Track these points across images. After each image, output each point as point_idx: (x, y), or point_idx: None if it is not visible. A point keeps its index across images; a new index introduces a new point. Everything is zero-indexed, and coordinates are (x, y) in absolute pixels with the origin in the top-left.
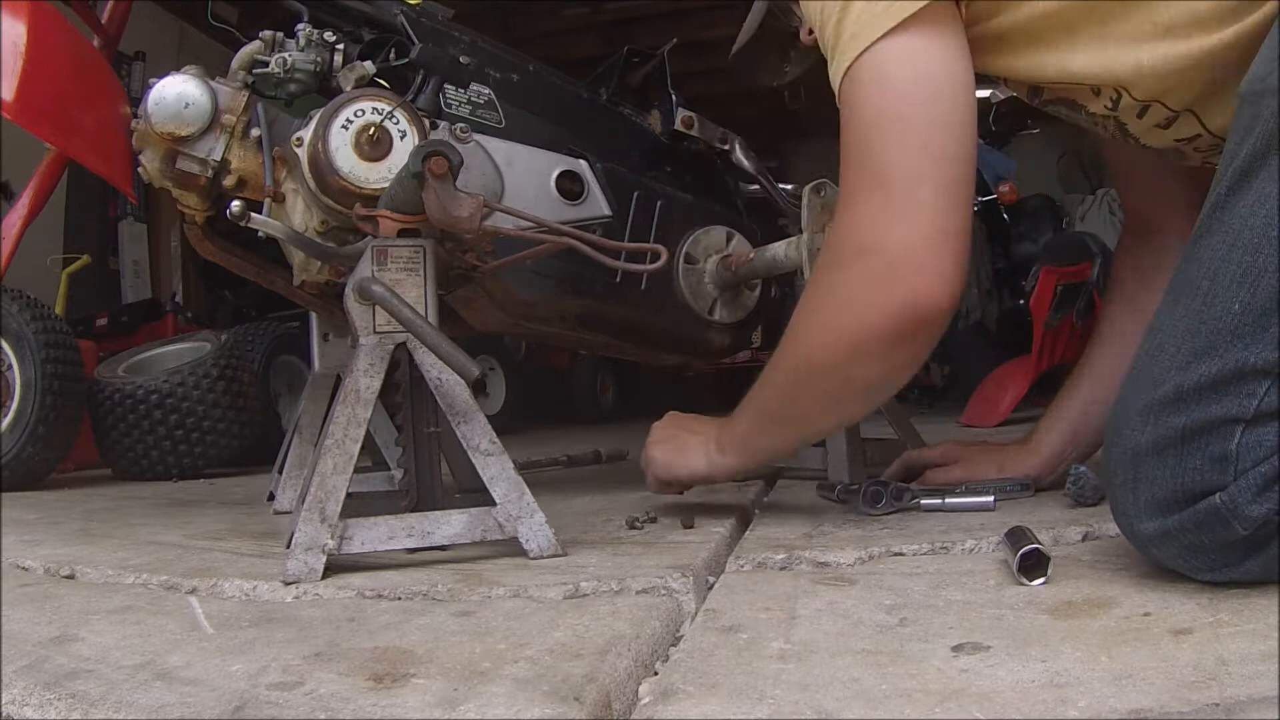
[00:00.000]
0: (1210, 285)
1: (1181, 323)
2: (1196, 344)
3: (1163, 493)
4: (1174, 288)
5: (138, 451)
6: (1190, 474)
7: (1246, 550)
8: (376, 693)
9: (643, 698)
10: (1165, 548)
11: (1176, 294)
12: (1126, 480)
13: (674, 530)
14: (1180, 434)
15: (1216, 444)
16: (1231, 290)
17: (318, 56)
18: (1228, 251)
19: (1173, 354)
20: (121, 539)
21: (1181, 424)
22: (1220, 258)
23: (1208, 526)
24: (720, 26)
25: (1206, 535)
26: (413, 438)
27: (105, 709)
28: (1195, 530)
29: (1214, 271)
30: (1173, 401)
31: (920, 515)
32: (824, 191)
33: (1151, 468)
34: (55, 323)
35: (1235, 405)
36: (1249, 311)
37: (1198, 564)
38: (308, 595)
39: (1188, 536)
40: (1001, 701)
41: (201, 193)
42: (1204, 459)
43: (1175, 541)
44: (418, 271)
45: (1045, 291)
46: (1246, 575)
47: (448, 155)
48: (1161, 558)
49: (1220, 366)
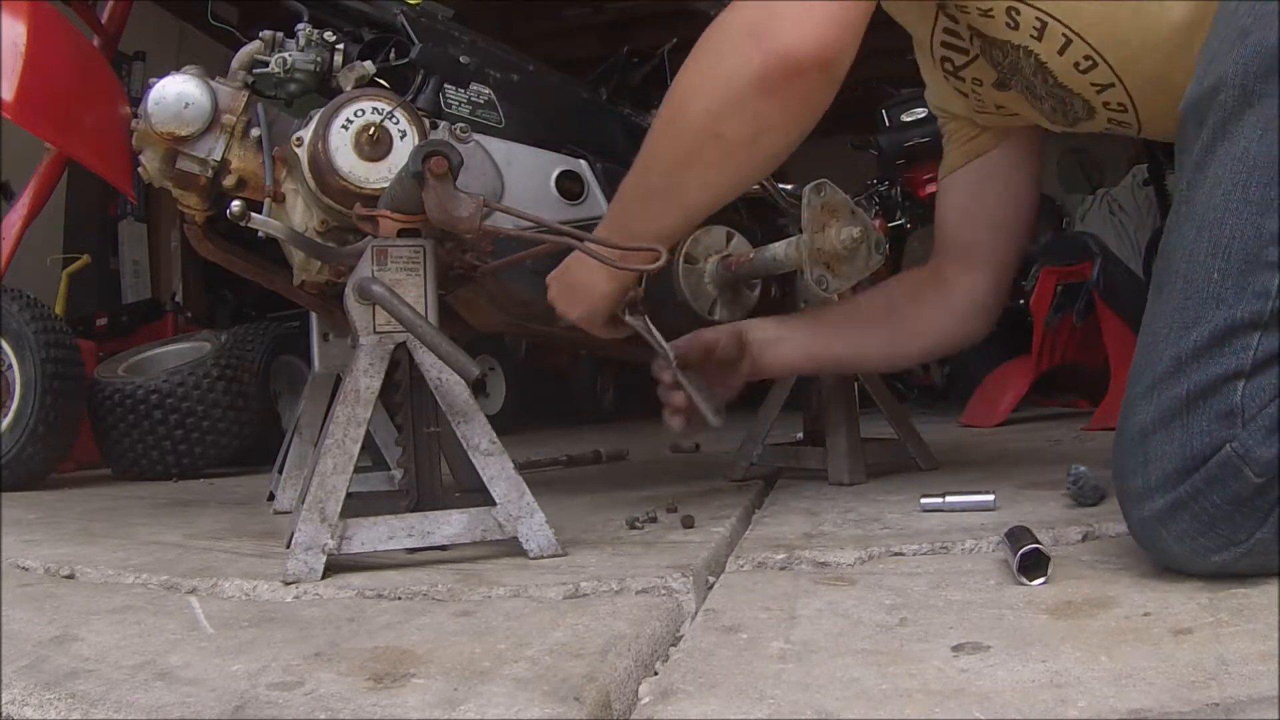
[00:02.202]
0: (1188, 267)
1: (1169, 304)
2: (1186, 317)
3: (1173, 463)
4: (1156, 282)
5: (138, 451)
6: (1199, 436)
7: (1256, 521)
8: (376, 693)
9: (643, 697)
10: (1174, 524)
11: (1159, 285)
12: (1136, 462)
13: (674, 530)
14: (1184, 400)
15: (1221, 401)
16: (1209, 263)
17: (318, 56)
18: (1196, 234)
19: (1165, 333)
20: (121, 539)
21: (1184, 390)
22: (1191, 240)
23: (1220, 481)
24: None
25: (1219, 493)
26: (413, 438)
27: (105, 709)
28: (1207, 491)
29: (1189, 254)
30: (1173, 373)
31: (920, 515)
32: (824, 191)
33: (1160, 441)
34: (55, 323)
35: (1234, 360)
36: (1227, 276)
37: (1207, 543)
38: (308, 595)
39: (1199, 501)
40: (1001, 701)
41: (201, 193)
42: (1210, 418)
43: (1186, 512)
44: (418, 271)
45: (1045, 291)
46: (1255, 551)
47: (448, 155)
48: (1170, 539)
49: (1212, 328)
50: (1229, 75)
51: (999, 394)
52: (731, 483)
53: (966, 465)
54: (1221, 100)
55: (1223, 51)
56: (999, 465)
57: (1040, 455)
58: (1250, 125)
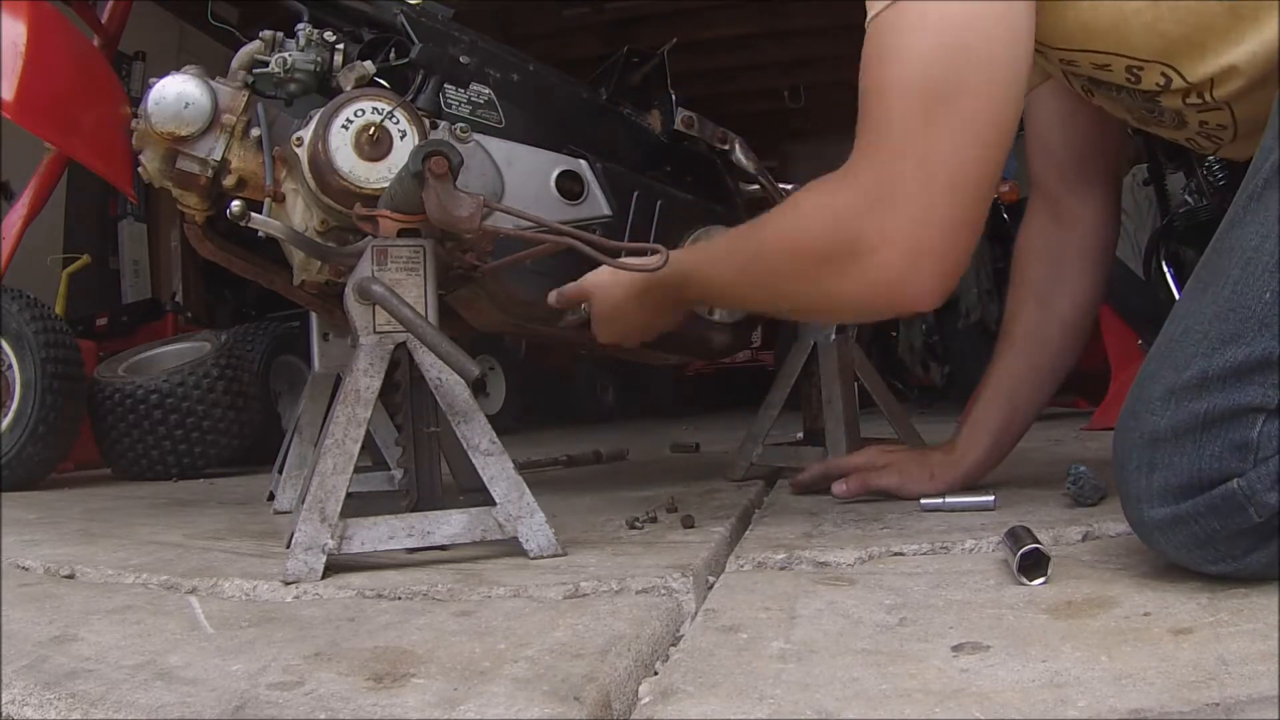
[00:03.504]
0: (1241, 273)
1: (1210, 309)
2: (1224, 330)
3: (1178, 478)
4: (1202, 274)
5: (138, 451)
6: (1209, 460)
7: (1254, 542)
8: (376, 692)
9: (643, 697)
10: (1173, 535)
11: (1205, 281)
12: (1141, 465)
13: (674, 530)
14: (1202, 419)
15: (1238, 431)
16: (1264, 279)
17: (318, 56)
18: (1260, 242)
19: (1198, 340)
20: (121, 539)
21: (1204, 409)
22: (1254, 247)
23: (1222, 512)
24: (720, 26)
25: (1219, 521)
26: (413, 438)
27: (105, 709)
28: (1208, 516)
29: (1246, 260)
30: (1196, 386)
31: (920, 515)
32: None
33: (1169, 452)
34: (55, 323)
35: (1260, 394)
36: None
37: (1203, 555)
38: (308, 595)
39: (1199, 523)
40: (1001, 701)
41: (201, 193)
42: (1224, 445)
43: (1185, 528)
44: (418, 271)
45: None
46: (1250, 567)
47: (448, 155)
48: (1167, 547)
49: (1247, 354)
50: None
51: None
52: (731, 483)
53: None
54: None
55: None
56: (999, 465)
57: (1040, 455)
58: None
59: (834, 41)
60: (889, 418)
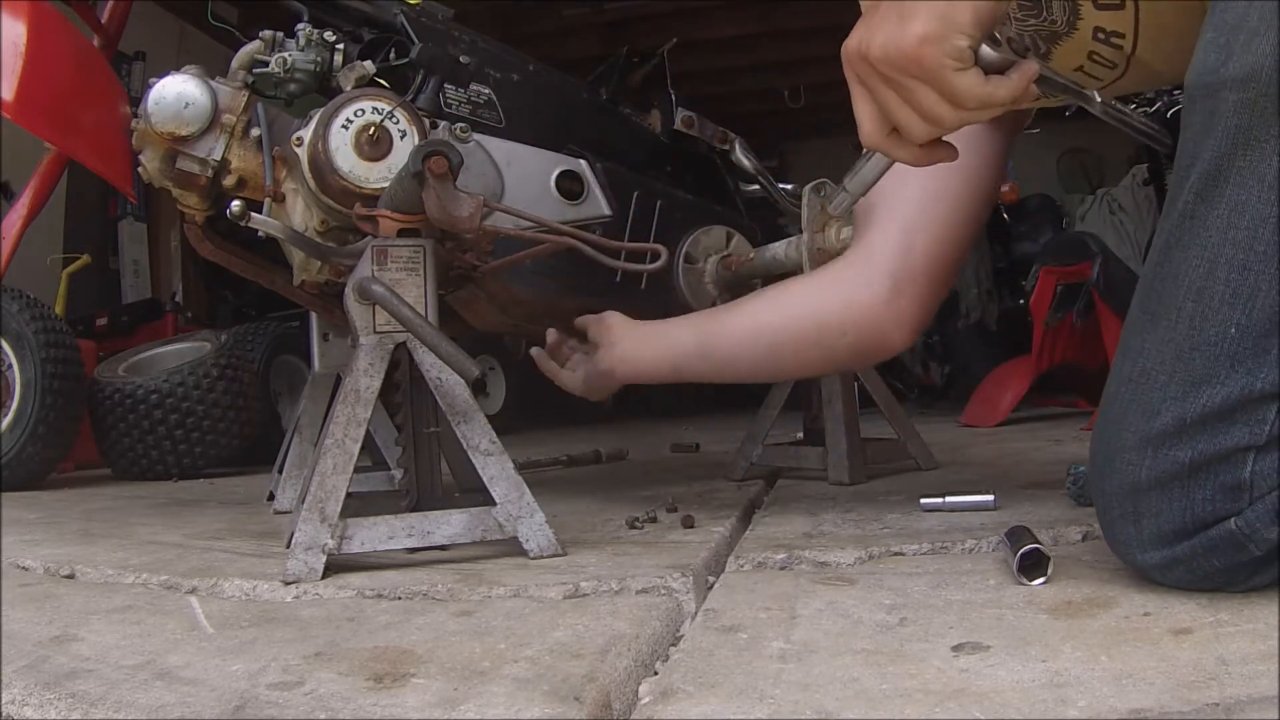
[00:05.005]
0: (1195, 307)
1: (1168, 348)
2: (1192, 371)
3: (1170, 524)
4: (1148, 305)
5: (138, 451)
6: (1200, 504)
7: (1254, 569)
8: (376, 692)
9: (643, 697)
10: (1170, 574)
11: (1153, 312)
12: (1125, 514)
13: (674, 530)
14: (1187, 466)
15: (1228, 473)
16: (1223, 312)
17: (318, 56)
18: (1210, 269)
19: (1164, 382)
20: (121, 539)
21: (1187, 457)
22: (1203, 275)
23: (1221, 551)
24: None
25: (1219, 559)
26: (413, 438)
27: (105, 709)
28: (1206, 555)
29: (1198, 291)
30: (1174, 434)
31: (920, 515)
32: (824, 191)
33: (1154, 501)
34: (55, 323)
35: (1246, 433)
36: (1246, 334)
37: (1203, 585)
38: (308, 595)
39: (1197, 561)
40: (1001, 701)
41: (201, 193)
42: (1214, 489)
43: (1182, 567)
44: (418, 271)
45: (1045, 291)
46: (1253, 589)
47: (448, 155)
48: (1164, 582)
49: (1225, 395)
50: (1267, 65)
51: (999, 394)
52: (731, 483)
53: (966, 465)
54: (1252, 97)
55: (1263, 28)
56: (999, 465)
57: (1040, 455)
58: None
59: (834, 41)
60: (889, 418)
